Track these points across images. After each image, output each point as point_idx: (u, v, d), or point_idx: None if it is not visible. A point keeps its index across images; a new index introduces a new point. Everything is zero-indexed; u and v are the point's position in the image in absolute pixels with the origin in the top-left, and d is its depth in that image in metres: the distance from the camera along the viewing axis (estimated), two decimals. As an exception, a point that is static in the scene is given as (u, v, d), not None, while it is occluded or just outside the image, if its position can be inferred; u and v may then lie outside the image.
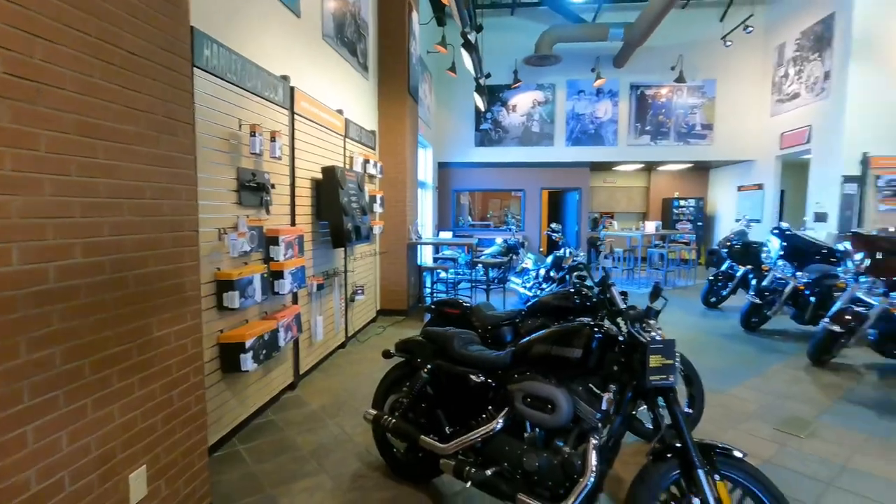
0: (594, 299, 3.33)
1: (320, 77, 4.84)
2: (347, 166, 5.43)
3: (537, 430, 2.18)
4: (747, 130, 11.19)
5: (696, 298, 7.95)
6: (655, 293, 1.99)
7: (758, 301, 6.09)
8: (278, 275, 3.55)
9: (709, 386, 4.05)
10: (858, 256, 4.76)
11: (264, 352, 3.29)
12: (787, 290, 5.84)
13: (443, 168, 12.23)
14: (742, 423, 3.61)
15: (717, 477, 1.78)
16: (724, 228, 12.39)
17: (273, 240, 3.53)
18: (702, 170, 13.83)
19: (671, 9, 8.41)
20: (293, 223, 4.07)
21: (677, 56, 10.58)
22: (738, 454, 1.85)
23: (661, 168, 13.76)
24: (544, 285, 6.80)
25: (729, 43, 10.27)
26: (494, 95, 11.57)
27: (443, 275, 8.58)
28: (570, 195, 13.33)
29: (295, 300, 4.10)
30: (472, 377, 2.45)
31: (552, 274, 6.66)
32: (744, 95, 11.18)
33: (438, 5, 9.16)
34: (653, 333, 1.93)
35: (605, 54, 10.81)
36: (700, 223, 13.32)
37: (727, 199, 12.95)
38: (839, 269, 5.43)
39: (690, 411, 3.19)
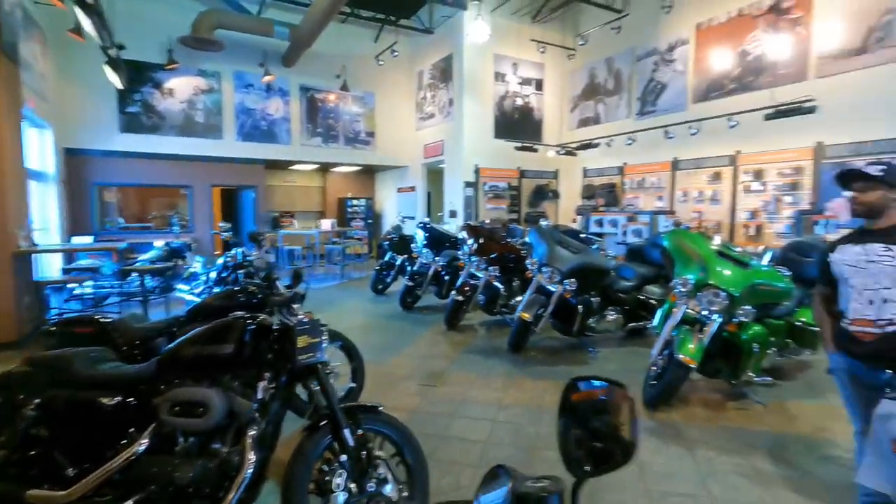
0: (260, 295, 3.30)
1: None
2: None
3: (191, 438, 2.02)
4: (401, 140, 13.17)
5: (367, 288, 8.88)
6: (296, 278, 2.13)
7: (411, 284, 7.34)
8: None
9: (374, 359, 4.61)
10: (470, 242, 6.30)
11: None
12: (430, 272, 7.23)
13: (74, 156, 9.64)
14: (398, 384, 4.27)
15: (359, 431, 2.06)
16: (389, 224, 14.29)
17: None
18: (369, 172, 15.51)
19: (330, 19, 9.06)
20: None
21: (342, 66, 11.47)
22: (380, 409, 2.18)
23: (334, 169, 14.72)
24: (216, 289, 6.30)
25: (381, 62, 11.81)
26: (143, 74, 9.89)
27: (79, 290, 6.87)
28: (245, 193, 12.74)
29: None
30: (104, 400, 2.06)
31: (224, 276, 6.25)
32: (397, 110, 13.09)
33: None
34: (299, 316, 2.06)
35: (274, 51, 10.72)
36: (370, 220, 14.91)
37: (390, 198, 14.97)
38: (460, 252, 7.06)
39: (354, 384, 3.57)
